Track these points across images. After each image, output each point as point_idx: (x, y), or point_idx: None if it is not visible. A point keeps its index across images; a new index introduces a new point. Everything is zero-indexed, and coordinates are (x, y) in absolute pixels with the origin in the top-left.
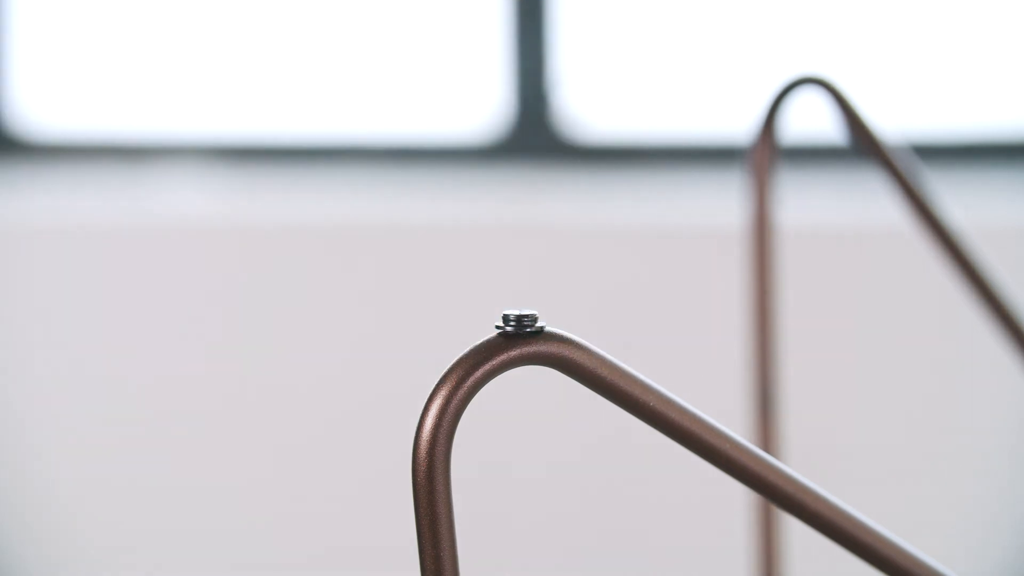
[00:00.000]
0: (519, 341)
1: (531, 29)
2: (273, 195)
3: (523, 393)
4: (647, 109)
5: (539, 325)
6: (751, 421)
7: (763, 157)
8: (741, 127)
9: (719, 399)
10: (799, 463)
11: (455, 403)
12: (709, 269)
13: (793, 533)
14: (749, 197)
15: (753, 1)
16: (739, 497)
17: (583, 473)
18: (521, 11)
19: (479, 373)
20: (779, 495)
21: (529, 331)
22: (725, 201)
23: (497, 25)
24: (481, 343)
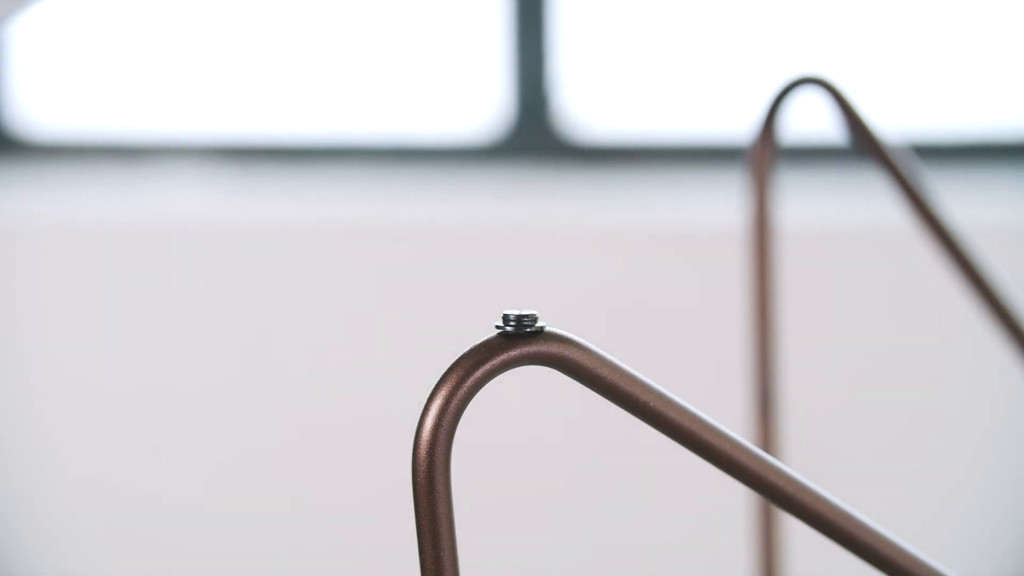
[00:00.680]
0: (519, 341)
1: (531, 29)
2: (273, 195)
3: (523, 393)
4: (647, 109)
5: (539, 325)
6: (751, 421)
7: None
8: (741, 127)
9: (719, 399)
10: (799, 463)
11: (455, 403)
12: (709, 269)
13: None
14: (749, 197)
15: (753, 1)
16: (739, 497)
17: (583, 472)
18: (521, 11)
19: (479, 373)
20: (779, 495)
21: (529, 331)
22: (725, 201)
23: (497, 25)
24: (481, 343)
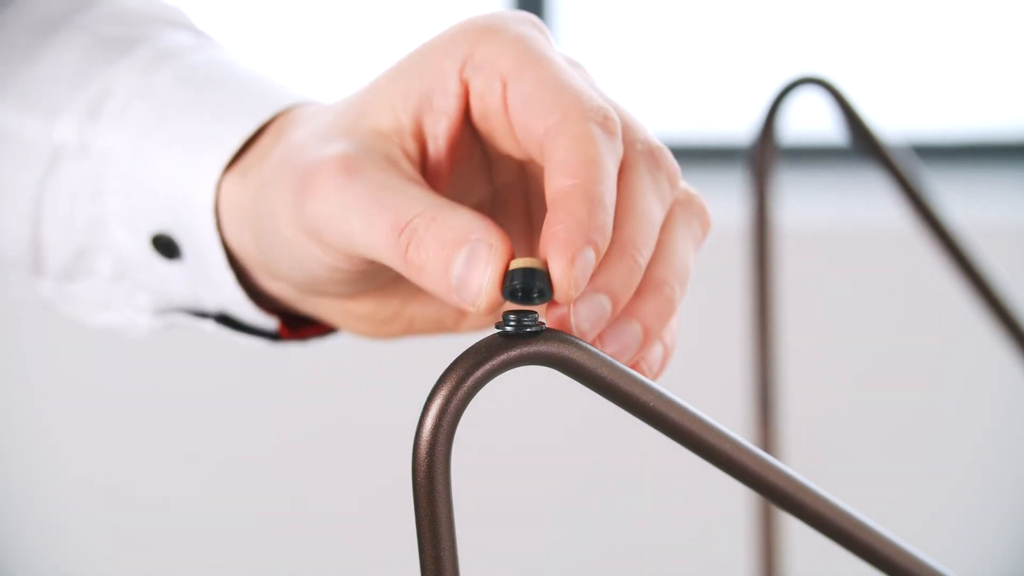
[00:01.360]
0: (519, 341)
1: None
2: None
3: (523, 393)
4: (647, 109)
5: (539, 325)
6: (751, 421)
7: (764, 157)
8: (741, 127)
9: (719, 399)
10: (799, 463)
11: (455, 403)
12: (709, 269)
13: (793, 533)
14: (749, 197)
15: (753, 1)
16: (739, 497)
17: (583, 472)
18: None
19: (479, 373)
20: (779, 495)
21: (529, 331)
22: (725, 201)
23: None
24: (481, 343)
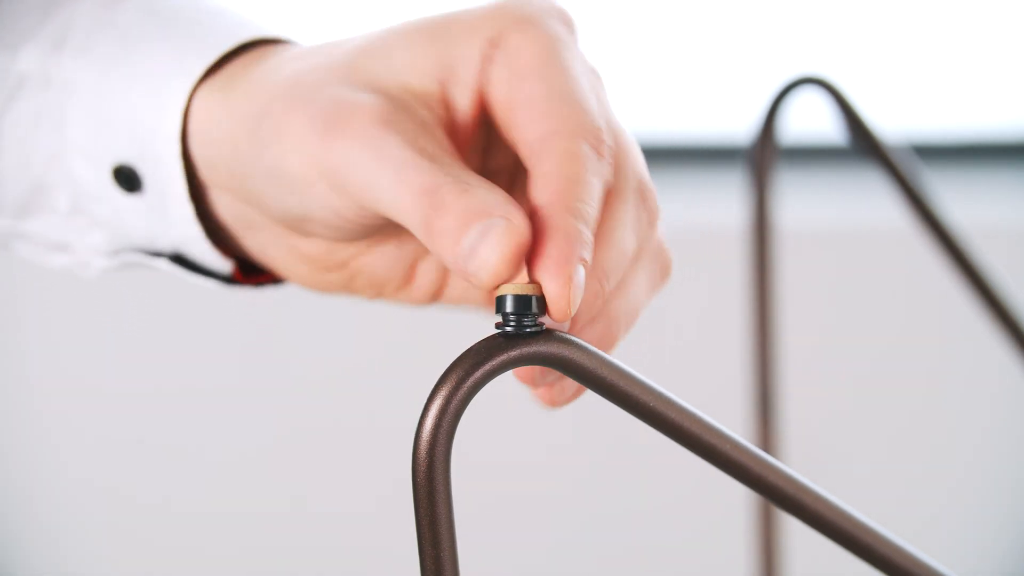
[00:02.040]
0: (519, 341)
1: None
2: None
3: (523, 393)
4: (647, 109)
5: (539, 325)
6: (751, 421)
7: (763, 157)
8: (741, 127)
9: (719, 399)
10: (799, 463)
11: (455, 403)
12: (709, 269)
13: (793, 533)
14: (749, 197)
15: (753, 1)
16: (739, 497)
17: (583, 472)
18: None
19: (479, 373)
20: (779, 495)
21: (529, 331)
22: (725, 201)
23: None
24: (481, 343)
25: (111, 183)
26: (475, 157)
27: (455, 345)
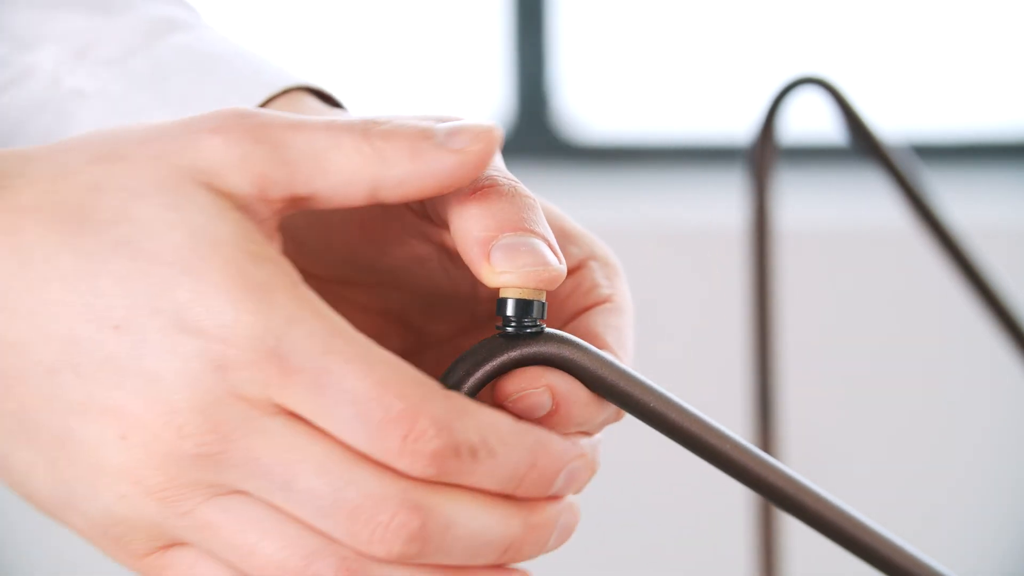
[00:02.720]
0: (519, 342)
1: (531, 30)
2: None
3: None
4: (647, 109)
5: (539, 326)
6: (751, 421)
7: (763, 157)
8: (741, 127)
9: (719, 398)
10: (799, 462)
11: None
12: (709, 269)
13: (793, 534)
14: (749, 197)
15: (753, 1)
16: (739, 498)
17: None
18: (521, 12)
19: (480, 374)
20: (780, 496)
21: (529, 332)
22: (725, 201)
23: (497, 26)
24: (481, 343)
25: None
26: None
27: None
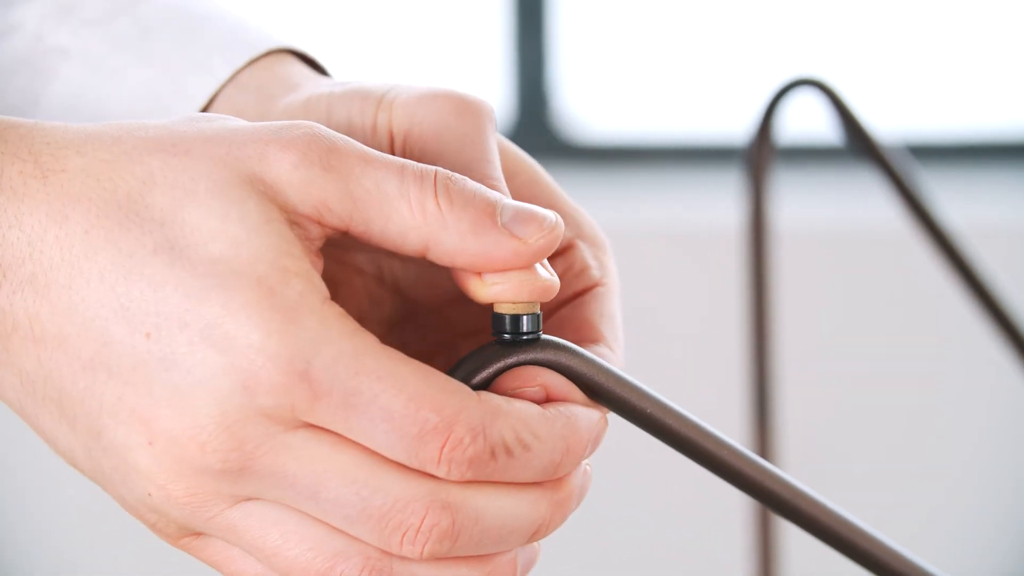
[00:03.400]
0: (516, 348)
1: (531, 29)
2: None
3: None
4: (646, 109)
5: (536, 333)
6: (749, 425)
7: (760, 157)
8: (739, 127)
9: (716, 399)
10: (796, 462)
11: None
12: (706, 268)
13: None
14: (746, 197)
15: (752, 2)
16: (737, 504)
17: None
18: (521, 12)
19: (476, 380)
20: (776, 501)
21: (526, 339)
22: (723, 201)
23: (497, 25)
24: (478, 350)
25: None
26: None
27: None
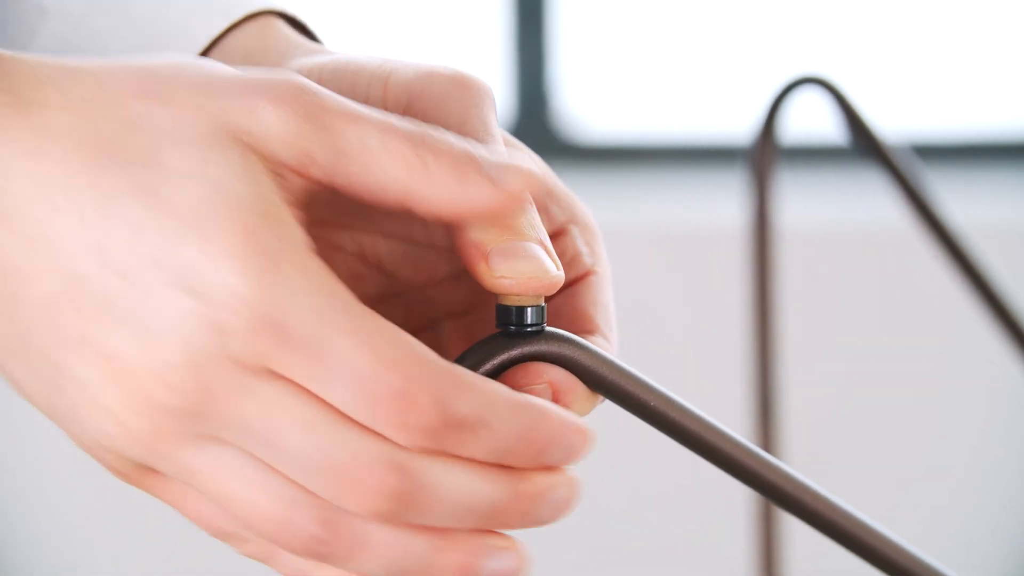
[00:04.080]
0: (520, 341)
1: (531, 29)
2: None
3: None
4: (647, 109)
5: (539, 325)
6: (752, 420)
7: (764, 157)
8: (741, 127)
9: (719, 398)
10: (799, 462)
11: None
12: (709, 269)
13: (793, 533)
14: (750, 197)
15: (753, 1)
16: (740, 497)
17: (583, 473)
18: (521, 11)
19: (480, 372)
20: (779, 495)
21: (530, 330)
22: (726, 201)
23: (497, 25)
24: (481, 342)
25: None
26: None
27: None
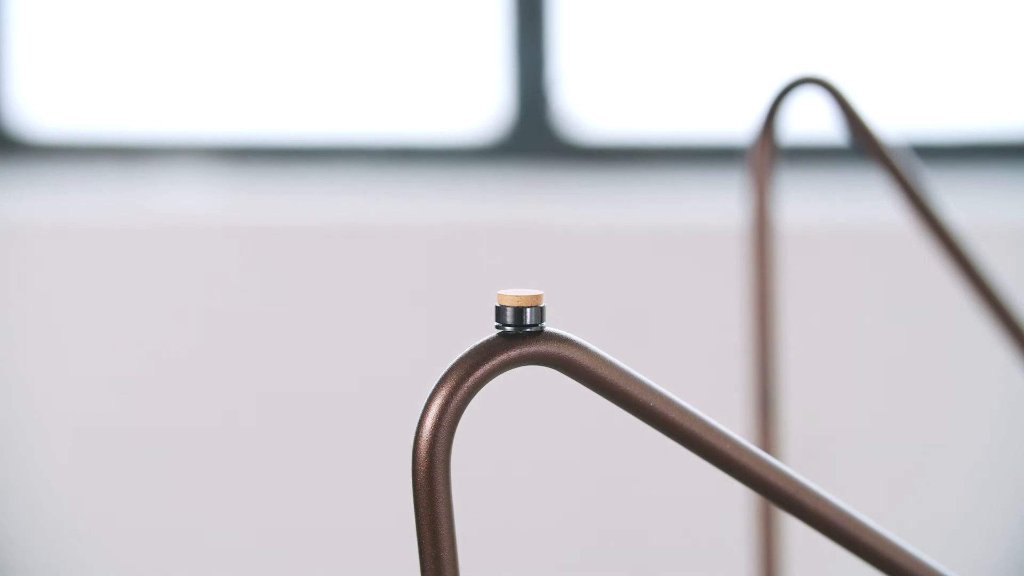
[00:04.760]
0: (519, 341)
1: (531, 29)
2: (274, 195)
3: (523, 393)
4: (646, 109)
5: (539, 325)
6: (751, 421)
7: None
8: (741, 127)
9: (719, 398)
10: (798, 462)
11: (455, 403)
12: (709, 269)
13: (793, 533)
14: (749, 197)
15: (753, 1)
16: (739, 497)
17: (583, 473)
18: (521, 11)
19: (479, 373)
20: (779, 495)
21: (529, 331)
22: (725, 201)
23: (497, 25)
24: (481, 343)
25: None
26: None
27: (455, 345)
